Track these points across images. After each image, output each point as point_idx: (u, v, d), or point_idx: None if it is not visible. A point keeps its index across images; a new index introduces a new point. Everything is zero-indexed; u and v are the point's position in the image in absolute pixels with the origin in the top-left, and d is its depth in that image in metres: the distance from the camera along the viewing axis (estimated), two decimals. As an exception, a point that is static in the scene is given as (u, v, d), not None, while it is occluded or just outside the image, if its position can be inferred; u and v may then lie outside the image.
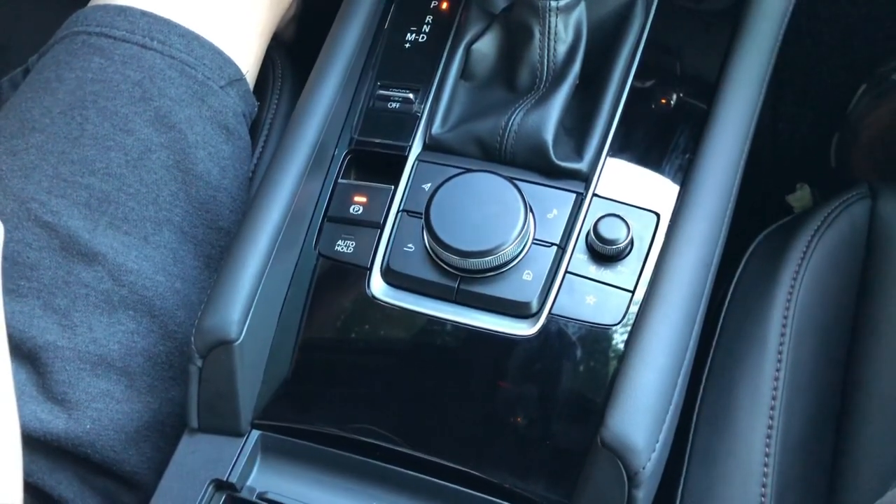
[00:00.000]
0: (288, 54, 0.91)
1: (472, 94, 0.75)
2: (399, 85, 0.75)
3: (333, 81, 0.75)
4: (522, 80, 0.74)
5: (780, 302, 0.69)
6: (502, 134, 0.70)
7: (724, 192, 0.68)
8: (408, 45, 0.78)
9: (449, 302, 0.66)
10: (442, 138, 0.72)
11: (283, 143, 0.73)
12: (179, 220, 0.72)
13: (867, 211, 0.75)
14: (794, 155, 1.24)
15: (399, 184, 0.70)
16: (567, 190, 0.68)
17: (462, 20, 0.77)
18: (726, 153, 0.69)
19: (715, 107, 0.70)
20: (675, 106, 0.72)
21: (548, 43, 0.72)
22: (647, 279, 0.64)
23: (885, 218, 0.75)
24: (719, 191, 0.67)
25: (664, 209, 0.67)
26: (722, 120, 0.70)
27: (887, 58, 1.25)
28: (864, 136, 1.14)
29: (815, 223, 0.73)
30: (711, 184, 0.67)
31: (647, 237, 0.66)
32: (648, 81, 0.73)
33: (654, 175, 0.69)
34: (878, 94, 1.21)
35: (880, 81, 1.23)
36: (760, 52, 0.74)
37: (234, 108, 0.77)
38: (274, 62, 0.87)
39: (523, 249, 0.66)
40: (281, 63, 0.88)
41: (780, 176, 1.22)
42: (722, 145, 0.69)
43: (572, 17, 0.71)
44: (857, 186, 0.77)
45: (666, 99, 0.73)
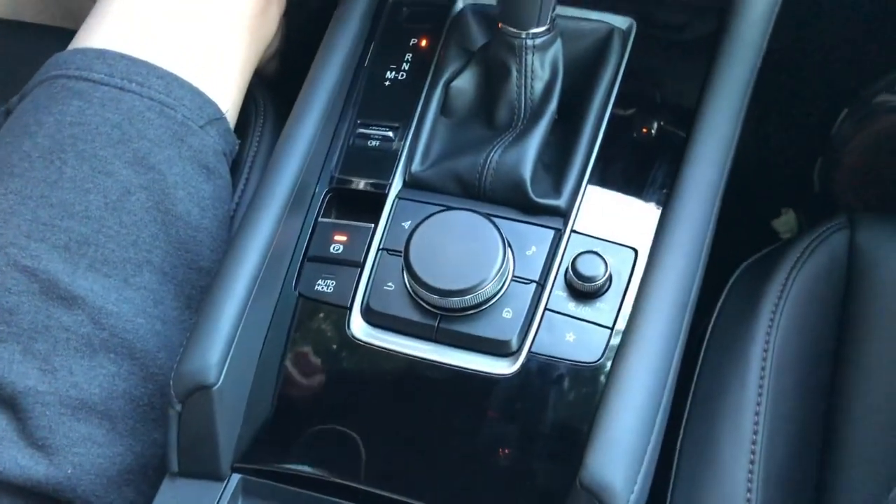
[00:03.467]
0: (270, 90, 0.91)
1: (452, 130, 0.76)
2: (379, 122, 0.76)
3: (313, 120, 0.76)
4: (501, 117, 0.74)
5: (759, 336, 0.69)
6: (481, 171, 0.70)
7: (701, 225, 0.68)
8: (388, 83, 0.78)
9: (429, 341, 0.66)
10: (421, 176, 0.72)
11: (263, 182, 0.73)
12: (160, 261, 0.72)
13: (846, 242, 0.75)
14: (778, 180, 1.25)
15: (379, 222, 0.70)
16: (545, 226, 0.69)
17: (441, 57, 0.77)
18: (703, 186, 0.69)
19: (691, 140, 0.71)
20: (653, 139, 0.73)
21: (524, 80, 0.72)
22: (625, 316, 0.65)
23: (864, 248, 0.75)
24: (696, 225, 0.68)
25: (642, 245, 0.68)
26: (698, 153, 0.70)
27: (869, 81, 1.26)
28: (847, 161, 1.15)
29: (794, 255, 0.73)
30: (688, 218, 0.67)
31: (625, 273, 0.66)
32: (626, 115, 0.74)
33: (632, 210, 0.69)
34: (860, 118, 1.21)
35: (862, 105, 1.24)
36: (737, 82, 0.75)
37: (215, 148, 0.77)
38: (256, 99, 0.88)
39: (503, 287, 0.66)
40: (263, 100, 0.88)
41: (764, 201, 1.23)
42: (698, 179, 0.69)
43: (548, 54, 0.72)
44: (836, 217, 0.77)
45: (644, 132, 0.73)
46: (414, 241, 0.65)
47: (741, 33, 0.76)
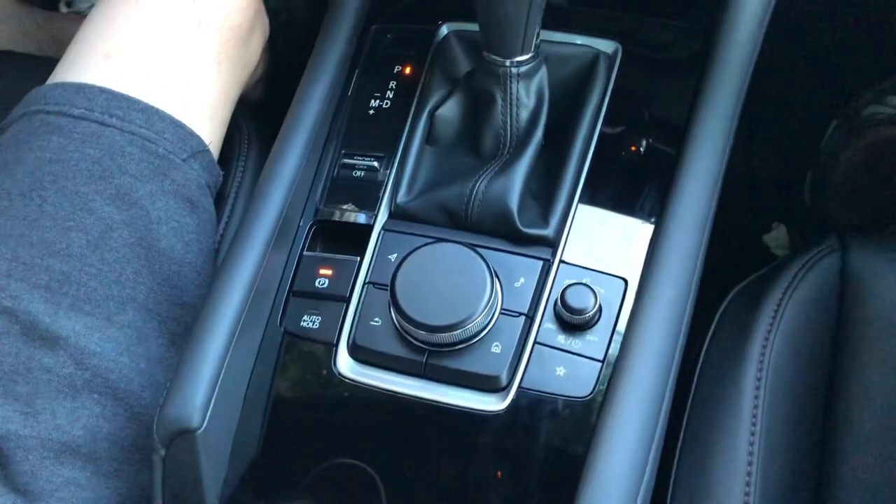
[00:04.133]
0: (255, 118, 0.90)
1: (438, 159, 0.75)
2: (364, 152, 0.75)
3: (297, 152, 0.75)
4: (487, 145, 0.73)
5: (752, 365, 0.68)
6: (467, 201, 0.69)
7: (691, 253, 0.67)
8: (372, 112, 0.77)
9: (417, 377, 0.65)
10: (407, 207, 0.71)
11: (247, 216, 0.72)
12: (143, 297, 0.71)
13: (838, 264, 0.74)
14: (769, 194, 1.25)
15: (365, 255, 0.69)
16: (534, 257, 0.68)
17: (426, 85, 0.76)
18: (692, 212, 0.68)
19: (680, 164, 0.70)
20: (641, 163, 0.72)
21: (510, 108, 0.71)
22: (616, 347, 0.64)
23: (856, 271, 0.74)
24: (686, 253, 0.67)
25: (632, 274, 0.67)
26: (687, 178, 0.70)
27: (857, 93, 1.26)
28: (837, 176, 1.14)
29: (785, 280, 0.73)
30: (677, 246, 0.67)
31: (615, 303, 0.66)
32: (614, 139, 0.73)
33: (621, 237, 0.69)
34: (849, 131, 1.21)
35: (851, 117, 1.24)
36: (725, 102, 0.74)
37: (198, 181, 0.76)
38: (240, 128, 0.87)
39: (491, 320, 0.65)
40: (247, 129, 0.87)
41: (756, 216, 1.22)
42: (687, 204, 0.68)
43: (534, 81, 0.71)
44: (826, 238, 0.76)
45: (632, 159, 0.73)
46: (400, 276, 0.64)
47: (728, 53, 0.75)
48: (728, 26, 0.75)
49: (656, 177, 0.71)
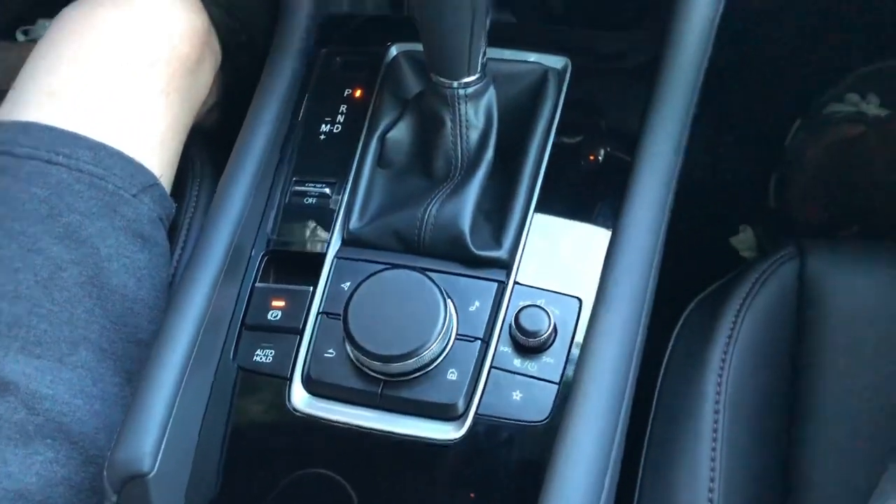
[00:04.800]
0: (209, 146, 0.89)
1: (390, 182, 0.74)
2: (315, 179, 0.74)
3: (246, 180, 0.74)
4: (438, 167, 0.73)
5: (712, 376, 0.68)
6: (419, 226, 0.69)
7: (645, 265, 0.67)
8: (323, 137, 0.77)
9: (373, 408, 0.64)
10: (360, 233, 0.70)
11: (196, 249, 0.71)
12: (96, 337, 0.70)
13: (795, 272, 0.74)
14: (735, 196, 1.25)
15: (318, 284, 0.69)
16: (488, 279, 0.67)
17: (376, 108, 0.76)
18: (644, 225, 0.68)
19: (632, 176, 0.70)
20: (594, 179, 0.72)
21: (459, 130, 0.71)
22: (573, 369, 0.63)
23: (815, 277, 0.74)
24: (639, 266, 0.67)
25: (586, 293, 0.66)
26: (638, 192, 0.69)
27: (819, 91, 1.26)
28: (801, 176, 1.15)
29: (743, 289, 0.72)
30: (630, 261, 0.66)
31: (570, 324, 0.65)
32: (566, 156, 0.72)
33: (575, 255, 0.68)
34: (813, 130, 1.21)
35: (814, 115, 1.24)
36: (676, 110, 0.74)
37: (149, 215, 0.75)
38: (193, 157, 0.86)
39: (447, 346, 0.64)
40: (199, 158, 0.86)
41: (722, 218, 1.22)
42: (639, 218, 0.68)
43: (482, 102, 0.71)
44: (786, 246, 0.76)
45: (585, 172, 0.72)
46: (353, 306, 0.63)
47: (677, 61, 0.75)
48: (676, 35, 0.75)
49: (610, 189, 0.71)
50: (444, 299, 0.63)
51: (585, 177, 0.72)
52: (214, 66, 0.86)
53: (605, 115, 0.75)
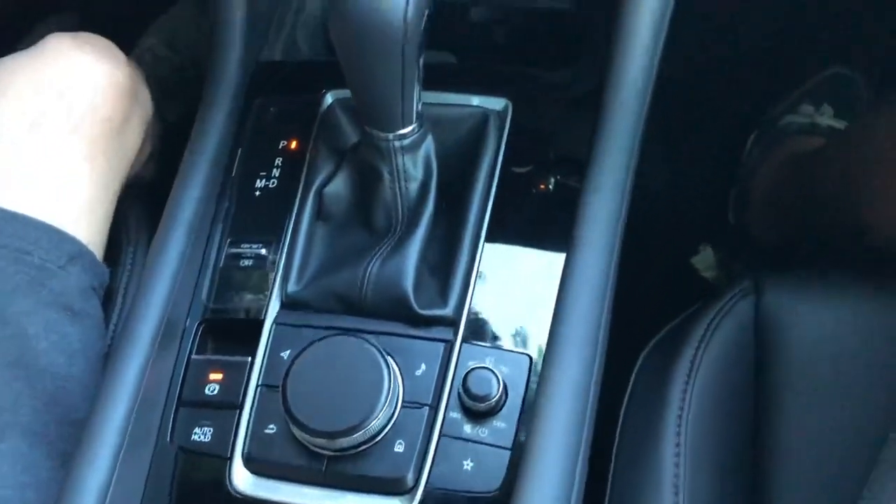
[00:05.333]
0: (147, 200, 0.86)
1: (330, 237, 0.71)
2: (251, 238, 0.71)
3: (178, 245, 0.71)
4: (378, 221, 0.70)
5: (670, 428, 0.66)
6: (361, 286, 0.66)
7: (596, 310, 0.65)
8: (258, 193, 0.73)
9: (318, 486, 0.61)
10: (299, 296, 0.67)
11: (128, 321, 0.68)
12: (27, 421, 0.67)
13: (752, 309, 0.72)
14: (693, 215, 1.23)
15: (256, 354, 0.66)
16: (434, 339, 0.65)
17: (312, 160, 0.73)
18: (595, 265, 0.66)
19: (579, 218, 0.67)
20: (541, 222, 0.69)
21: (398, 183, 0.68)
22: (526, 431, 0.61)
23: (771, 314, 0.72)
24: (591, 313, 0.64)
25: (536, 349, 0.64)
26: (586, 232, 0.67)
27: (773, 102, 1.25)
28: (757, 192, 1.13)
29: (698, 331, 0.70)
30: (582, 309, 0.64)
31: (521, 383, 0.63)
32: (511, 200, 0.70)
33: (523, 307, 0.66)
34: (768, 143, 1.20)
35: (769, 128, 1.23)
36: (623, 140, 0.72)
37: (79, 286, 0.71)
38: (127, 216, 0.82)
39: (393, 415, 0.61)
40: (135, 215, 0.83)
41: (683, 238, 1.21)
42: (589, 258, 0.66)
43: (420, 152, 0.68)
44: (740, 281, 0.74)
45: (531, 216, 0.70)
46: (292, 378, 0.60)
47: (621, 93, 0.73)
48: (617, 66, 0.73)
49: (556, 228, 0.68)
50: (388, 367, 0.60)
51: (531, 216, 0.70)
52: (144, 119, 0.83)
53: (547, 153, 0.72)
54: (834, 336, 0.72)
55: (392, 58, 0.59)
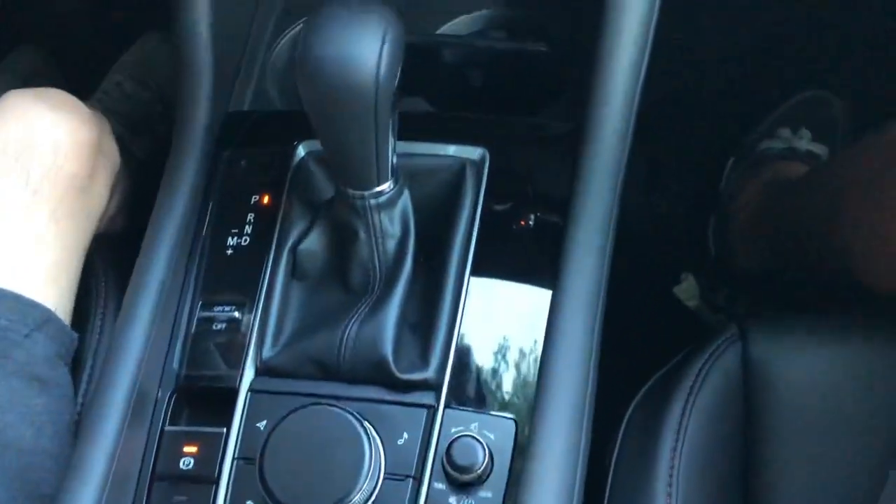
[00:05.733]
0: (116, 255, 0.83)
1: (305, 297, 0.69)
2: (224, 300, 0.69)
3: (147, 310, 0.69)
4: (355, 280, 0.68)
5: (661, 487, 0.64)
6: (338, 351, 0.64)
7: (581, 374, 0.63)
8: (230, 251, 0.71)
9: (298, 565, 0.59)
10: (275, 362, 0.65)
11: (97, 393, 0.66)
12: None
13: (738, 358, 0.71)
14: (674, 244, 1.22)
15: (232, 425, 0.63)
16: (416, 405, 0.63)
17: (286, 215, 0.71)
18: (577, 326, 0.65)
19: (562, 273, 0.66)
20: (520, 284, 0.68)
21: (374, 241, 0.66)
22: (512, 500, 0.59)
23: (759, 361, 0.71)
24: (575, 376, 0.63)
25: (522, 412, 0.62)
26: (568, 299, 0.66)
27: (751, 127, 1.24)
28: (737, 221, 1.12)
29: (685, 384, 0.69)
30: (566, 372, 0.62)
31: (507, 449, 0.61)
32: (489, 260, 0.68)
33: (508, 367, 0.64)
34: (746, 169, 1.19)
35: (747, 153, 1.22)
36: (604, 182, 0.71)
37: (45, 354, 0.69)
38: (96, 275, 0.80)
39: (375, 489, 0.59)
40: (105, 274, 0.80)
41: (665, 267, 1.19)
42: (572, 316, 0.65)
43: (396, 209, 0.66)
44: (726, 329, 0.73)
45: (510, 276, 0.68)
46: (269, 453, 0.58)
47: (601, 134, 0.72)
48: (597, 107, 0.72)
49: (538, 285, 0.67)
50: (369, 438, 0.58)
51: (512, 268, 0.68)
52: (111, 172, 0.80)
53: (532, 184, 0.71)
54: (823, 380, 0.71)
55: (365, 119, 0.57)
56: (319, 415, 0.59)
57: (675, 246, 1.22)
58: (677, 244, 1.22)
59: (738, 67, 1.26)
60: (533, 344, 0.65)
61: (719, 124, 1.26)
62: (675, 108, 1.19)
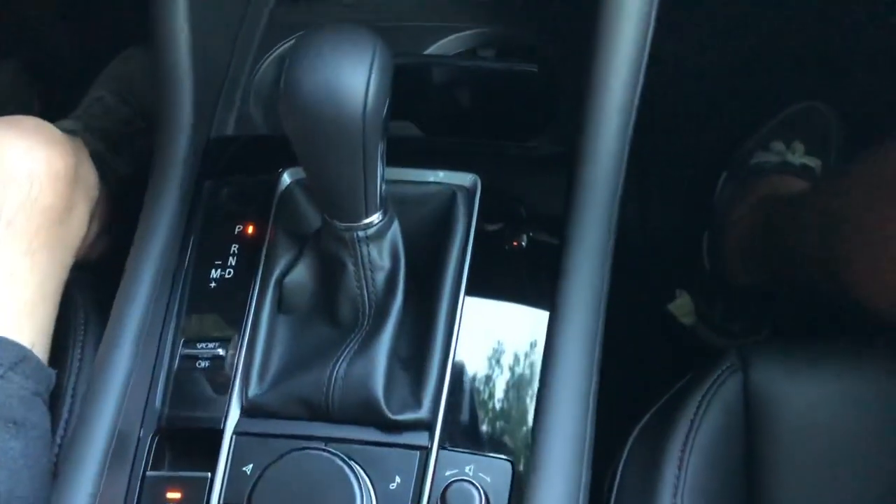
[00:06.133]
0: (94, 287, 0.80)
1: (292, 332, 0.67)
2: (207, 337, 0.66)
3: (128, 347, 0.66)
4: (344, 314, 0.65)
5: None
6: (327, 391, 0.61)
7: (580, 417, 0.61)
8: (213, 284, 0.69)
9: None
10: (261, 401, 0.63)
11: (76, 433, 0.63)
12: (-34, 548, 0.61)
13: (740, 387, 0.69)
14: (668, 260, 1.20)
15: (217, 469, 0.61)
16: (409, 446, 0.60)
17: (271, 247, 0.68)
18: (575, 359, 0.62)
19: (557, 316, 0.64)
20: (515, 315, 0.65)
21: (363, 273, 0.64)
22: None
23: (760, 392, 0.69)
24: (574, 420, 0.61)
25: (520, 451, 0.60)
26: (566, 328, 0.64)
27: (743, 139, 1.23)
28: (732, 238, 1.10)
29: (686, 416, 0.67)
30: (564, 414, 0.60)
31: (504, 492, 0.59)
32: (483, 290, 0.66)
33: (503, 408, 0.62)
34: (739, 183, 1.17)
35: (740, 166, 1.20)
36: (599, 211, 0.69)
37: (21, 394, 0.66)
38: (76, 305, 0.77)
39: (367, 539, 0.57)
40: (83, 304, 0.77)
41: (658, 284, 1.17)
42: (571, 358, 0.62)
43: (386, 240, 0.64)
44: (727, 357, 0.70)
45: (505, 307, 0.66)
46: (256, 499, 0.56)
47: (598, 154, 0.70)
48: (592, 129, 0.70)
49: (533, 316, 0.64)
50: (360, 485, 0.56)
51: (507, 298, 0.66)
52: (89, 200, 0.78)
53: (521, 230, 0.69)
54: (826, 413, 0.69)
55: (352, 151, 0.55)
56: (308, 460, 0.57)
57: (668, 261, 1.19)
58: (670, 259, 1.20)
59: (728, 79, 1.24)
60: (529, 377, 0.63)
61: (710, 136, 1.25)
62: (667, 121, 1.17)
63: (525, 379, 0.63)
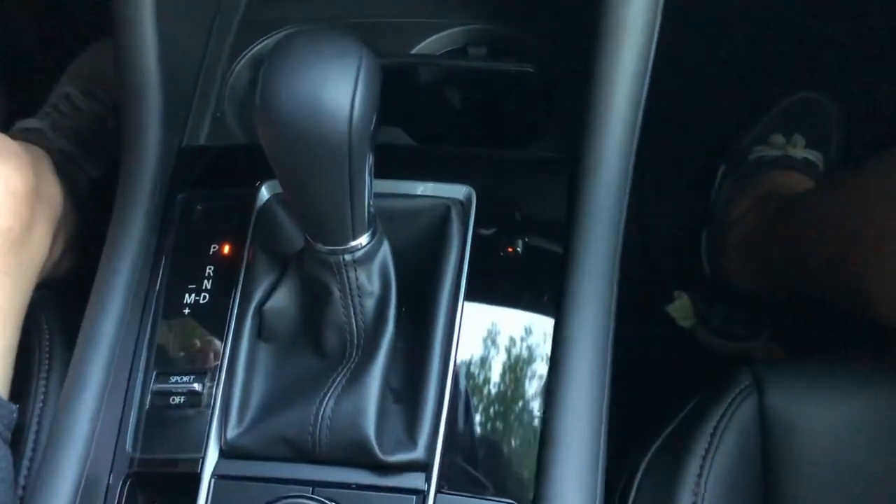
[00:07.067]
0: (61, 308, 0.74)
1: (274, 364, 0.62)
2: (181, 369, 0.61)
3: (96, 383, 0.61)
4: (330, 344, 0.60)
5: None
6: (313, 430, 0.56)
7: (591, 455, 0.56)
8: (187, 311, 0.64)
9: None
10: (241, 442, 0.58)
11: (40, 478, 0.58)
12: None
13: (755, 411, 0.64)
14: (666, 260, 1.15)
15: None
16: (403, 490, 0.56)
17: (250, 268, 0.63)
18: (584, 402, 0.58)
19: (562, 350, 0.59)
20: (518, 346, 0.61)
21: (351, 300, 0.58)
22: None
23: (777, 416, 0.65)
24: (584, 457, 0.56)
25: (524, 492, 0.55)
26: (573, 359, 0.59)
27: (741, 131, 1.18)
28: (733, 238, 1.05)
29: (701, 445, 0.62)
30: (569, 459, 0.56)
31: (509, 539, 0.54)
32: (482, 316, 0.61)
33: (506, 445, 0.57)
34: (740, 178, 1.12)
35: (738, 161, 1.15)
36: (606, 230, 0.64)
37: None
38: (39, 330, 0.71)
39: None
40: (48, 328, 0.72)
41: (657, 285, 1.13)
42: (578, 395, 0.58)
43: (375, 263, 0.58)
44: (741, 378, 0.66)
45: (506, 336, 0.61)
46: (237, 555, 0.51)
47: (602, 165, 0.65)
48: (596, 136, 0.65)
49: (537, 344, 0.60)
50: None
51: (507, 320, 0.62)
52: (52, 217, 0.72)
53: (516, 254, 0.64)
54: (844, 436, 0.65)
55: (336, 170, 0.50)
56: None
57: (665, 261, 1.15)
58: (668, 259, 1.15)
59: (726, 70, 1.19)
60: (534, 411, 0.58)
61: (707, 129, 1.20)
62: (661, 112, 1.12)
63: (530, 413, 0.58)
